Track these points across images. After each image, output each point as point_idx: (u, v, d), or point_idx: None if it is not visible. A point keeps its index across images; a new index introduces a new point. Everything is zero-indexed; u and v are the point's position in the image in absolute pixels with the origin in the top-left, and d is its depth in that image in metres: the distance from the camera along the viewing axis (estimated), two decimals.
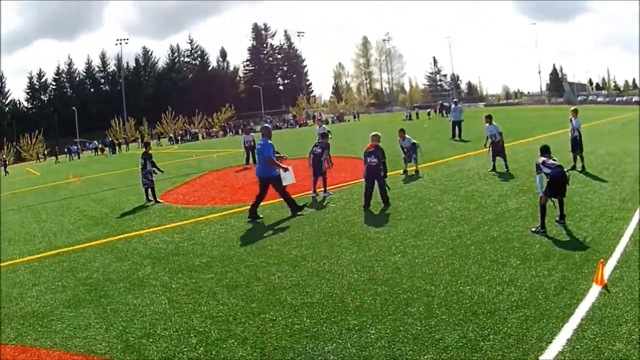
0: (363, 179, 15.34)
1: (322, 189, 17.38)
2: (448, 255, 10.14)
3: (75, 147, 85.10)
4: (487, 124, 19.85)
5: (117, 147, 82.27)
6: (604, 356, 6.04)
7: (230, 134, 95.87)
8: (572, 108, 20.38)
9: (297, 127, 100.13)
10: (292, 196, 15.60)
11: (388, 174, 15.60)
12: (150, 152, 20.49)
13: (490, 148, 19.38)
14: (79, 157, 77.46)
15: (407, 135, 20.48)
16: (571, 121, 19.05)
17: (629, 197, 13.82)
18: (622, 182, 15.72)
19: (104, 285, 10.62)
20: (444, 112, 77.09)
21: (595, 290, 7.91)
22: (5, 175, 56.98)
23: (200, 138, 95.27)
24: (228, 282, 9.97)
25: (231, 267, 10.90)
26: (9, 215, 22.32)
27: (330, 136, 20.24)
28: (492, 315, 7.28)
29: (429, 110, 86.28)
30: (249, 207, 15.03)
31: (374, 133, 15.65)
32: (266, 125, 16.07)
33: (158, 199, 20.06)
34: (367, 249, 11.05)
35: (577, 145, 18.34)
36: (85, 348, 7.77)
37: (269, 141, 15.04)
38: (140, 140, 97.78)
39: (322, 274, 9.72)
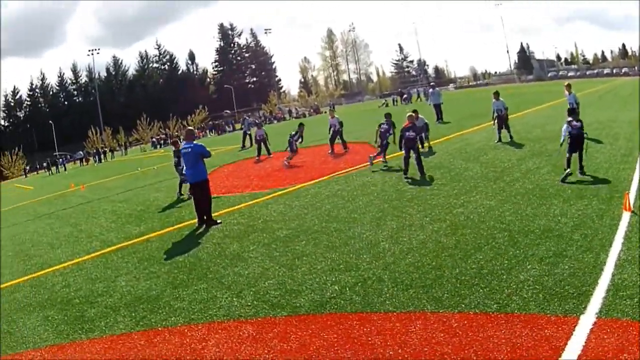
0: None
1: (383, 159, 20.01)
2: (502, 204, 12.24)
3: (61, 159, 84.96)
4: (495, 100, 22.32)
5: (102, 156, 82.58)
6: None
7: (211, 134, 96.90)
8: (566, 84, 23.63)
9: (276, 122, 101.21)
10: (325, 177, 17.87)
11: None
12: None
13: (496, 121, 21.83)
14: (65, 169, 77.11)
15: (420, 115, 22.60)
16: (566, 95, 22.29)
17: (627, 153, 16.36)
18: (617, 142, 18.24)
19: (200, 264, 11.14)
20: (404, 99, 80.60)
21: (626, 215, 10.27)
22: None
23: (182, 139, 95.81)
24: (326, 245, 11.01)
25: (318, 234, 11.89)
26: (28, 225, 22.31)
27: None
28: (560, 237, 9.50)
29: (405, 96, 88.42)
30: (206, 219, 14.85)
31: (409, 113, 18.32)
32: (190, 128, 16.62)
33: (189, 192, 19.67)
34: (430, 207, 12.92)
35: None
36: (228, 315, 8.26)
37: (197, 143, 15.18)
38: (123, 148, 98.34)
39: (405, 227, 11.45)
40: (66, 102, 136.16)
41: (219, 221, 14.85)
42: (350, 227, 12.17)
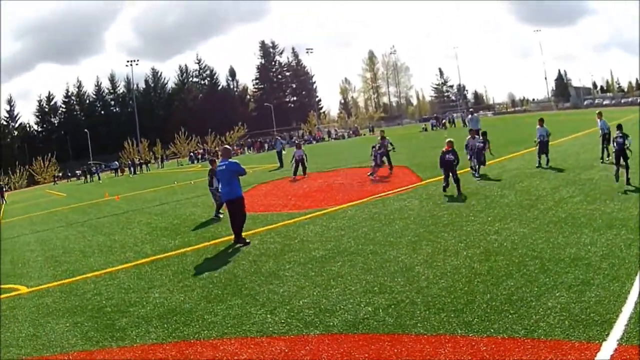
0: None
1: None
2: (534, 232, 12.52)
3: (95, 168, 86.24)
4: (539, 126, 23.28)
5: (137, 168, 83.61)
6: None
7: (249, 151, 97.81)
8: (597, 111, 24.88)
9: (315, 142, 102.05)
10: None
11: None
12: None
13: (537, 147, 22.69)
14: (99, 178, 78.19)
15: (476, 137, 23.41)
16: (597, 122, 23.37)
17: None
18: None
19: (235, 280, 11.26)
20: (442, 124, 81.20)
21: None
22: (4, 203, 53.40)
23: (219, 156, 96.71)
24: (362, 267, 11.10)
25: (354, 256, 12.03)
26: (60, 232, 22.76)
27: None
28: (589, 265, 9.78)
29: (443, 121, 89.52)
30: (234, 236, 15.02)
31: (448, 139, 19.35)
32: (226, 146, 16.89)
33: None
34: (465, 233, 13.20)
35: (606, 140, 22.28)
36: (261, 332, 8.35)
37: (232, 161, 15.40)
38: (160, 161, 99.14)
39: (440, 252, 11.67)
40: (102, 112, 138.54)
41: (247, 241, 14.91)
42: (386, 250, 12.36)
